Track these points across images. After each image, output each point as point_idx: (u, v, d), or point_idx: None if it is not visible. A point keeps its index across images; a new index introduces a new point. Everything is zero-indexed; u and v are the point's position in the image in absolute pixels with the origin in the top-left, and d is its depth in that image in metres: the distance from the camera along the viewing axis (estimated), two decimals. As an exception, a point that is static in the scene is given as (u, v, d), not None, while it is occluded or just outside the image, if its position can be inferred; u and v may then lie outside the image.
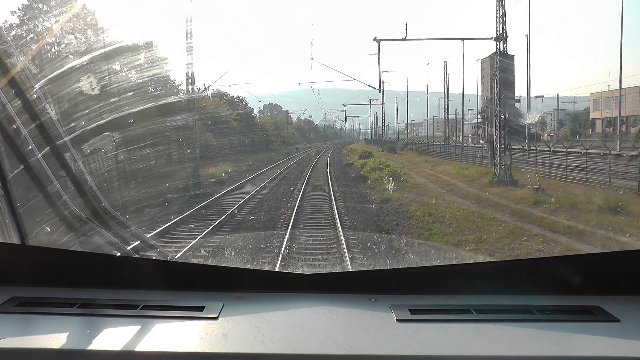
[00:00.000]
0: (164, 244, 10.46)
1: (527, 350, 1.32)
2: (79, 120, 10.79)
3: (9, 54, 1.98)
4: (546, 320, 1.49)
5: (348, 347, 1.33)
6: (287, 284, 1.77)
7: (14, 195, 1.84)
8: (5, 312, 1.55)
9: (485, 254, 10.15)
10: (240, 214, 14.85)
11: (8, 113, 1.84)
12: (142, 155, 17.01)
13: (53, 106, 4.06)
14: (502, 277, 1.73)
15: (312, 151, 63.16)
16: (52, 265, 1.80)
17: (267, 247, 10.34)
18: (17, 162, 1.89)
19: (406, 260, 9.03)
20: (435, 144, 49.73)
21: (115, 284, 1.75)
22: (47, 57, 19.92)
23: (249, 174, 28.03)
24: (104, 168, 13.10)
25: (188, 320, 1.51)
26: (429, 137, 65.55)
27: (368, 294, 1.67)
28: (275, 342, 1.36)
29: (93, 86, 13.93)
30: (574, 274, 1.67)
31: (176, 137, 22.65)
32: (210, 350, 1.34)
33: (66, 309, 1.57)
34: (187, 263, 2.54)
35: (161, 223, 12.43)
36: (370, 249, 10.30)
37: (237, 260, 9.24)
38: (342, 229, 11.81)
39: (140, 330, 1.44)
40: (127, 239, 2.21)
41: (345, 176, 27.39)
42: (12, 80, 1.94)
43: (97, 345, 1.36)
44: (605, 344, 1.35)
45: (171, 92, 29.57)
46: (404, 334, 1.40)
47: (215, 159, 29.84)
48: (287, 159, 45.69)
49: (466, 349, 1.32)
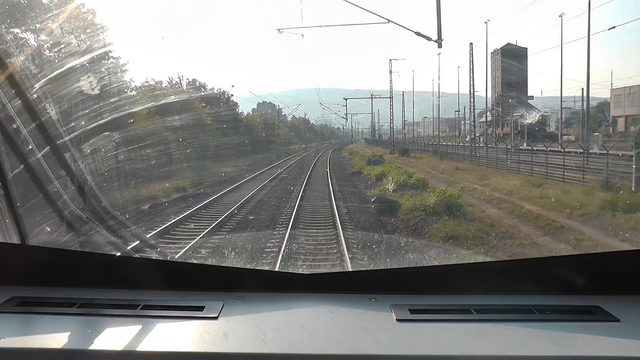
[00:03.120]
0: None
1: (527, 349, 1.32)
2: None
3: (9, 54, 1.98)
4: (546, 320, 1.49)
5: (349, 346, 1.34)
6: (287, 283, 1.77)
7: (14, 195, 1.84)
8: (5, 312, 1.55)
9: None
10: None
11: (8, 113, 1.84)
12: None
13: (53, 106, 4.05)
14: (502, 277, 1.74)
15: (307, 154, 54.25)
16: (52, 265, 1.80)
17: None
18: (17, 161, 1.89)
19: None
20: (448, 144, 44.33)
21: (115, 284, 1.75)
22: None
23: (209, 193, 18.14)
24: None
25: (188, 320, 1.51)
26: (431, 136, 64.92)
27: (368, 294, 1.68)
28: (276, 341, 1.36)
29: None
30: (574, 274, 1.67)
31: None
32: (211, 350, 1.34)
33: (66, 308, 1.57)
34: (187, 263, 2.55)
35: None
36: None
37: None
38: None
39: (140, 330, 1.44)
40: (127, 239, 2.21)
41: (358, 198, 17.53)
42: (12, 80, 1.94)
43: (97, 345, 1.36)
44: (606, 344, 1.35)
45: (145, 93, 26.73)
46: (405, 333, 1.40)
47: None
48: (277, 164, 35.79)
49: (467, 349, 1.32)
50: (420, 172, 23.89)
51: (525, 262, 2.20)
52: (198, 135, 27.43)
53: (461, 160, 34.01)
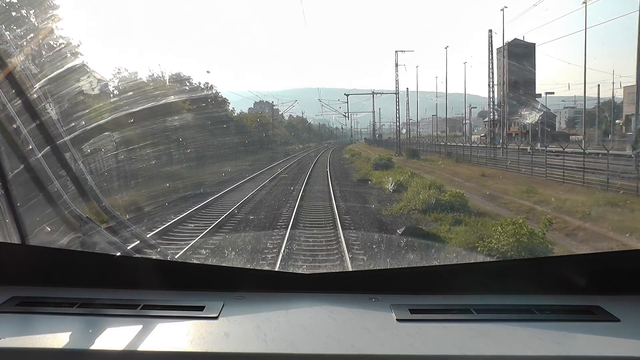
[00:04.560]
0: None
1: (527, 349, 1.32)
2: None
3: (9, 54, 1.98)
4: (546, 320, 1.49)
5: (350, 346, 1.34)
6: (287, 283, 1.77)
7: (14, 195, 1.84)
8: (5, 312, 1.55)
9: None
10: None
11: (8, 113, 1.85)
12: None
13: (53, 106, 4.07)
14: (502, 276, 1.74)
15: (305, 155, 49.45)
16: (52, 265, 1.80)
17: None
18: (17, 161, 1.89)
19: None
20: (456, 145, 40.04)
21: (115, 284, 1.75)
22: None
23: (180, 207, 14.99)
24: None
25: (188, 320, 1.51)
26: (431, 136, 64.37)
27: (368, 294, 1.68)
28: (277, 341, 1.36)
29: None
30: (574, 274, 1.67)
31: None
32: (211, 350, 1.34)
33: (66, 308, 1.57)
34: (187, 263, 2.55)
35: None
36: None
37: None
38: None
39: (140, 330, 1.44)
40: (127, 239, 2.21)
41: (373, 222, 12.95)
42: (12, 80, 1.94)
43: (98, 345, 1.36)
44: (606, 344, 1.35)
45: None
46: (406, 333, 1.40)
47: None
48: (269, 167, 31.33)
49: (467, 349, 1.32)
50: (440, 179, 19.71)
51: (525, 262, 2.20)
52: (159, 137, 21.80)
53: (482, 164, 29.00)
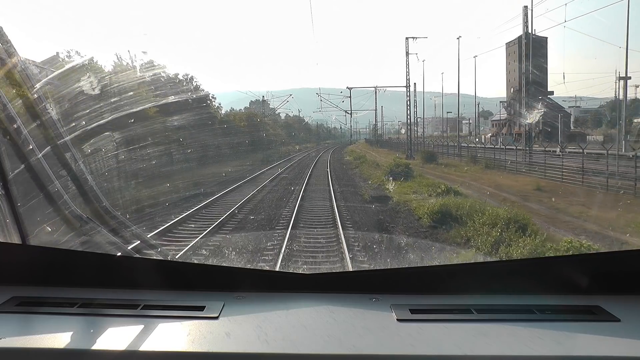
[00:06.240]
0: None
1: (528, 349, 1.32)
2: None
3: (9, 54, 1.98)
4: (547, 320, 1.49)
5: (351, 346, 1.34)
6: (288, 283, 1.77)
7: (14, 195, 1.84)
8: (5, 312, 1.55)
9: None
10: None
11: (8, 113, 1.84)
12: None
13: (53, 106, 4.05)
14: (503, 277, 1.73)
15: (302, 158, 44.61)
16: (53, 265, 1.80)
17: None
18: (18, 161, 1.89)
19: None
20: (474, 146, 35.32)
21: (115, 284, 1.75)
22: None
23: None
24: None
25: (188, 320, 1.51)
26: (431, 136, 63.83)
27: (368, 294, 1.68)
28: (278, 341, 1.36)
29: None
30: (575, 274, 1.67)
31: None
32: (212, 350, 1.34)
33: (66, 308, 1.57)
34: (187, 263, 2.55)
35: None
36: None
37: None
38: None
39: (140, 330, 1.44)
40: (128, 239, 2.21)
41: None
42: (12, 80, 1.94)
43: (98, 345, 1.36)
44: (606, 344, 1.35)
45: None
46: (406, 333, 1.40)
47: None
48: (257, 174, 26.02)
49: (468, 349, 1.32)
50: (486, 196, 15.31)
51: (525, 262, 2.20)
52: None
53: (521, 171, 23.16)
